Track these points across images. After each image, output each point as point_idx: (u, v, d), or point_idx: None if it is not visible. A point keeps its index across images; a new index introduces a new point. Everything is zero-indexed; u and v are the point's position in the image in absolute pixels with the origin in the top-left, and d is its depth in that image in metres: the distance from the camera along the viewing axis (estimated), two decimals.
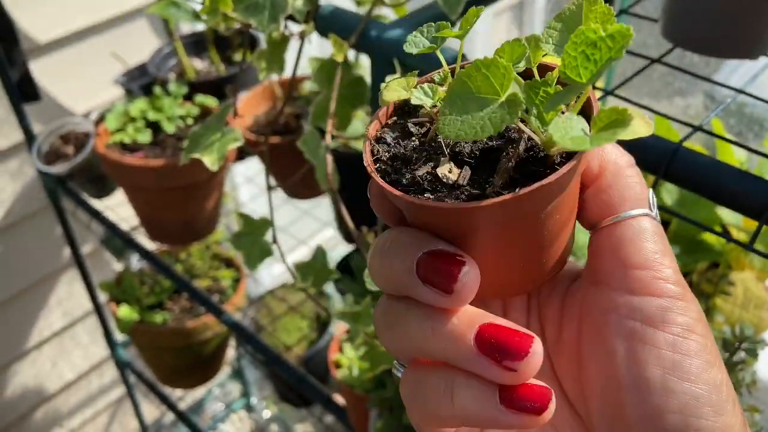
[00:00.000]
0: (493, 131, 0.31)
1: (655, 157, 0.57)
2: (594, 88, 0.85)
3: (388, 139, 0.37)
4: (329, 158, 0.73)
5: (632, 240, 0.35)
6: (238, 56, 1.52)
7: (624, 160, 0.37)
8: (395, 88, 0.37)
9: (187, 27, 1.66)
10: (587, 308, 0.38)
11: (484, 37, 2.51)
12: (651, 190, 0.38)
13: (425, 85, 0.37)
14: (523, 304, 0.43)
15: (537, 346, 0.32)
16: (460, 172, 0.35)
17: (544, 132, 0.34)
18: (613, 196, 0.37)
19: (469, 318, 0.34)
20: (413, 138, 0.38)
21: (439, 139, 0.36)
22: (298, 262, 0.85)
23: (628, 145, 0.56)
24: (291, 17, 0.79)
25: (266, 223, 0.82)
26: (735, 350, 0.81)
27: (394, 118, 0.39)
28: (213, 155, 0.76)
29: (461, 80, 0.33)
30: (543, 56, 0.37)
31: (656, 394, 0.33)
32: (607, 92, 0.73)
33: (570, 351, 0.39)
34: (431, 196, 0.33)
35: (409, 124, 0.38)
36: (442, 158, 0.35)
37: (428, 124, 0.38)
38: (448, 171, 0.35)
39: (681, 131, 1.16)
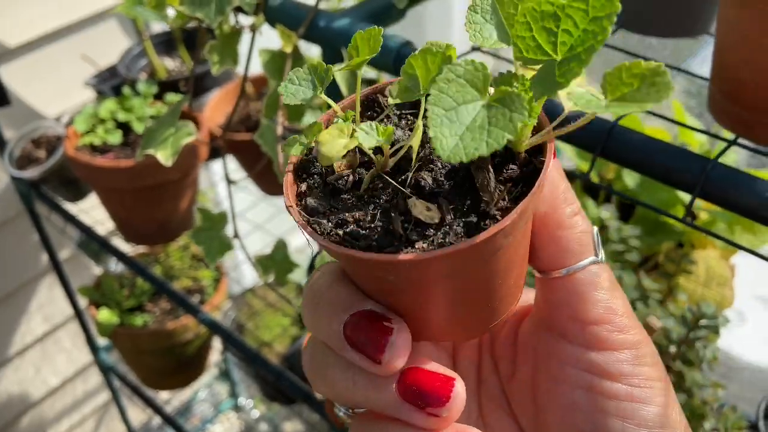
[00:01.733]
0: (512, 133, 0.29)
1: (592, 136, 0.58)
2: None
3: (314, 199, 0.35)
4: (280, 150, 0.74)
5: (585, 294, 0.36)
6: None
7: (570, 209, 0.38)
8: (334, 140, 0.34)
9: (157, 26, 1.66)
10: (543, 356, 0.39)
11: (461, 26, 2.51)
12: (595, 229, 0.39)
13: (365, 126, 0.34)
14: (475, 340, 0.43)
15: (459, 389, 0.33)
16: (438, 205, 0.33)
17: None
18: (561, 248, 0.37)
19: None
20: (341, 184, 0.36)
21: (378, 183, 0.35)
22: (259, 255, 0.85)
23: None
24: (241, 9, 0.79)
25: (225, 218, 0.82)
26: (693, 328, 0.82)
27: (302, 179, 0.37)
28: (167, 150, 0.76)
29: (436, 95, 0.31)
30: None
31: None
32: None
33: (526, 390, 0.40)
34: (374, 245, 0.32)
35: (328, 179, 0.36)
36: (408, 199, 0.33)
37: (348, 173, 0.36)
38: (426, 210, 0.33)
39: (643, 118, 1.16)
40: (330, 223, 0.34)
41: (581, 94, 0.31)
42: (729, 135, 0.61)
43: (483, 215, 0.32)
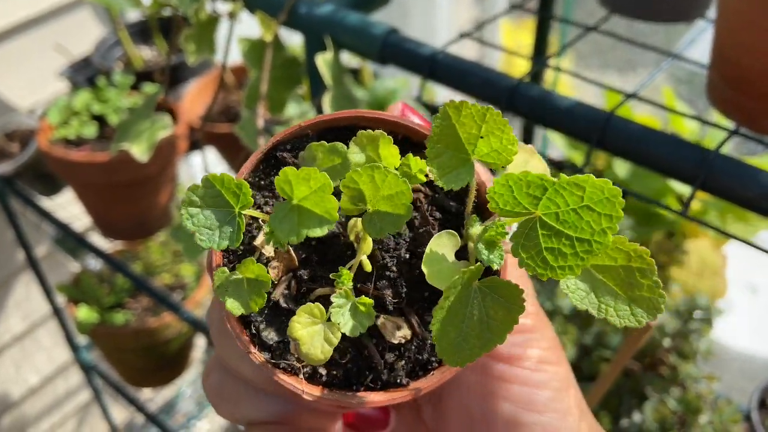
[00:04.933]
0: (510, 329, 0.30)
1: (588, 126, 0.55)
2: (541, 62, 0.82)
3: (267, 333, 0.34)
4: (261, 141, 0.71)
5: None
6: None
7: (534, 353, 0.37)
8: (313, 337, 0.31)
9: (133, 15, 1.61)
10: None
11: (447, 12, 2.48)
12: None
13: (336, 300, 0.32)
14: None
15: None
16: (404, 318, 0.33)
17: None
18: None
19: None
20: (288, 301, 0.34)
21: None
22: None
23: (564, 114, 0.54)
24: None
25: None
26: (687, 320, 0.80)
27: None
28: (142, 145, 0.73)
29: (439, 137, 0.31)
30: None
31: (505, 427, 0.34)
32: (541, 64, 0.71)
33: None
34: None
35: (272, 296, 0.34)
36: (377, 320, 0.33)
37: (287, 279, 0.35)
38: (396, 330, 0.33)
39: (632, 105, 1.14)
40: (304, 365, 0.33)
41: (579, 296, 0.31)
42: (720, 121, 0.58)
43: None
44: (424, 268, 0.31)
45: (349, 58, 1.13)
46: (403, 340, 0.33)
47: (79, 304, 1.54)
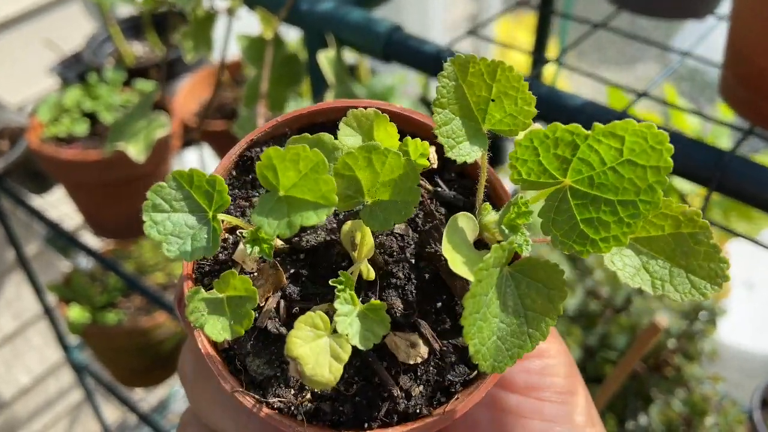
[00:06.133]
0: (554, 318, 0.26)
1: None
2: (543, 59, 0.81)
3: (257, 367, 0.29)
4: None
5: None
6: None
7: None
8: (318, 355, 0.26)
9: (124, 10, 1.58)
10: None
11: (442, 8, 2.46)
12: None
13: (340, 308, 0.27)
14: None
15: None
16: (419, 333, 0.29)
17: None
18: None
19: None
20: (278, 326, 0.29)
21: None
22: None
23: (570, 111, 0.52)
24: None
25: None
26: (693, 321, 0.80)
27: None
28: (139, 145, 0.71)
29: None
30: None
31: None
32: (545, 61, 0.69)
33: None
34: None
35: (258, 322, 0.30)
36: (386, 338, 0.28)
37: (275, 301, 0.30)
38: (410, 347, 0.28)
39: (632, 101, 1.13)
40: (303, 402, 0.28)
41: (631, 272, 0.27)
42: (726, 117, 0.57)
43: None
44: (445, 254, 0.27)
45: (345, 54, 1.11)
46: (419, 360, 0.28)
47: (70, 304, 1.52)
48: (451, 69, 0.28)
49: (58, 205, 1.52)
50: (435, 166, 0.32)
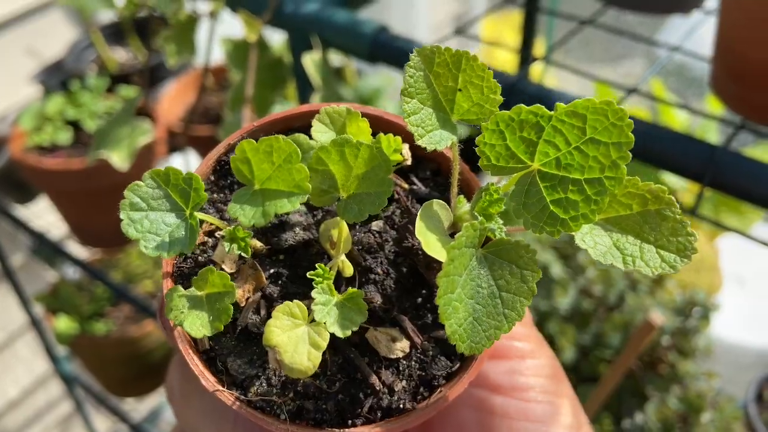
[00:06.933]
0: (529, 299, 0.27)
1: None
2: (530, 57, 0.80)
3: (237, 366, 0.29)
4: None
5: None
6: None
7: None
8: (297, 344, 0.27)
9: (106, 16, 1.57)
10: None
11: (426, 7, 2.46)
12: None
13: (318, 297, 0.27)
14: None
15: None
16: (400, 328, 0.29)
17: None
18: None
19: None
20: (257, 325, 0.29)
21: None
22: None
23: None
24: None
25: None
26: (687, 317, 0.79)
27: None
28: (122, 152, 0.69)
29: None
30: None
31: None
32: (532, 59, 0.69)
33: None
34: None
35: (239, 321, 0.30)
36: (366, 334, 0.29)
37: (255, 300, 0.30)
38: (392, 342, 0.28)
39: (619, 96, 1.13)
40: (286, 400, 0.28)
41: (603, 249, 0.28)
42: (715, 111, 0.57)
43: None
44: (419, 236, 0.28)
45: (331, 56, 1.11)
46: (401, 354, 0.28)
47: (57, 314, 1.50)
48: (417, 59, 0.29)
49: (43, 215, 1.50)
50: (409, 163, 0.33)
